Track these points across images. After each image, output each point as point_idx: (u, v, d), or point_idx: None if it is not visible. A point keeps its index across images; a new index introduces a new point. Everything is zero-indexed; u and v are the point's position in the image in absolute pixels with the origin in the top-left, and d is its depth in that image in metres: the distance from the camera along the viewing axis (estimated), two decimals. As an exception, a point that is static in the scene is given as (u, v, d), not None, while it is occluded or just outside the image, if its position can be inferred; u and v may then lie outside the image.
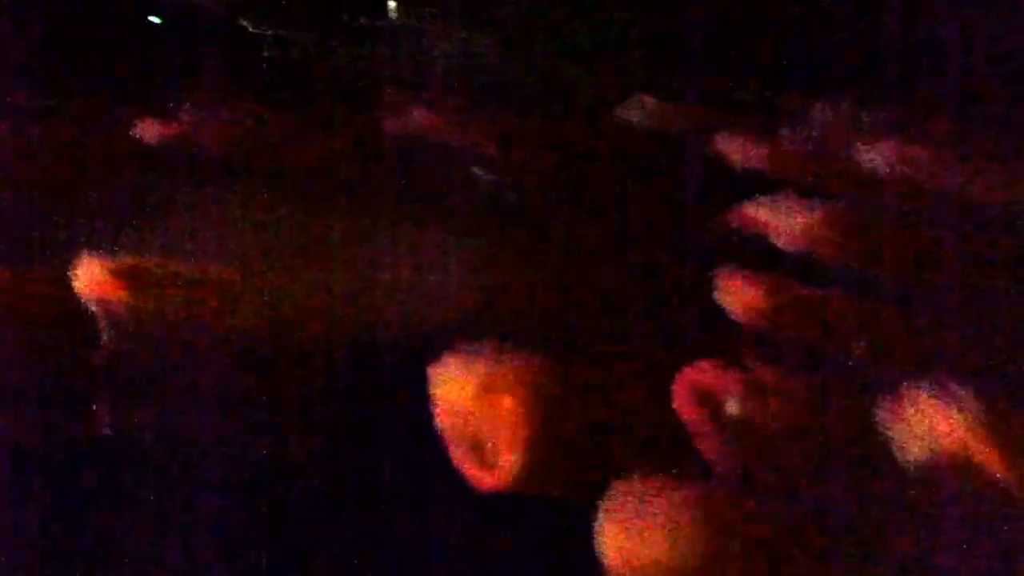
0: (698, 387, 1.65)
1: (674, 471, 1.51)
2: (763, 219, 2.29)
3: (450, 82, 3.43)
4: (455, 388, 1.69)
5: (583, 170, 2.83)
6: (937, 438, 1.66)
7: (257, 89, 3.26)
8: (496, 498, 1.63)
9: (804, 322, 2.09)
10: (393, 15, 3.87)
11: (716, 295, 2.04)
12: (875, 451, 1.75)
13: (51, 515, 1.62)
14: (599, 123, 3.18)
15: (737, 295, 2.03)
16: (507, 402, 1.65)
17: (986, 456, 1.61)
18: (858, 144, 2.65)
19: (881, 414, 1.72)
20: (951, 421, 1.65)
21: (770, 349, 1.98)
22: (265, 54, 3.68)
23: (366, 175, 2.72)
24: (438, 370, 1.71)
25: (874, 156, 2.59)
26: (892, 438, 1.70)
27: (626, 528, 1.40)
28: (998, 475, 1.61)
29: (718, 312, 2.03)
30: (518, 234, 2.46)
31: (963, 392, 1.68)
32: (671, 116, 3.15)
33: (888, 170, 2.54)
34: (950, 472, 1.66)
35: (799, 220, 2.25)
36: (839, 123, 2.88)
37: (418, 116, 2.98)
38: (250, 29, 3.76)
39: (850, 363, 2.14)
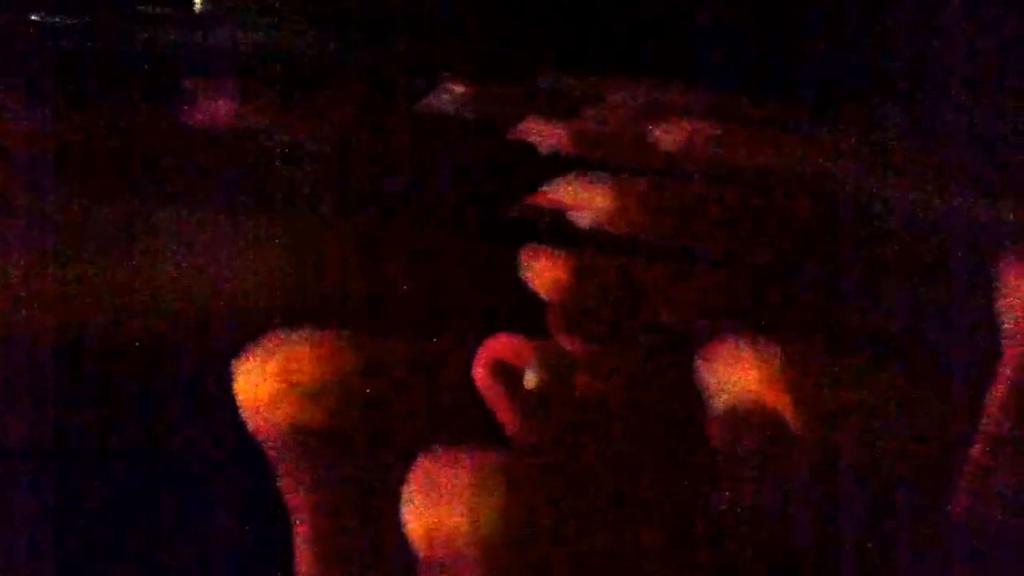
0: (497, 359, 1.68)
1: (475, 442, 1.55)
2: (565, 199, 2.37)
3: (249, 70, 3.35)
4: (256, 383, 1.66)
5: (391, 157, 2.83)
6: (741, 388, 1.77)
7: (47, 80, 3.08)
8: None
9: (608, 294, 2.17)
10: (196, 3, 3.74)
11: (522, 273, 2.10)
12: (685, 409, 1.85)
13: None
14: (406, 109, 3.19)
15: (541, 272, 2.09)
16: (309, 389, 1.64)
17: (782, 404, 1.74)
18: (654, 123, 2.78)
19: (696, 370, 1.83)
20: (753, 371, 1.77)
21: (576, 322, 2.05)
22: (53, 43, 3.47)
23: (163, 167, 2.62)
24: (240, 366, 1.68)
25: (668, 134, 2.72)
26: (704, 391, 1.81)
27: (427, 499, 1.43)
28: (790, 422, 1.74)
29: (525, 290, 2.09)
30: (325, 221, 2.44)
31: (764, 344, 1.80)
32: (478, 102, 3.19)
33: (682, 146, 2.68)
34: (749, 420, 1.78)
35: (599, 199, 2.34)
36: (636, 104, 3.00)
37: (220, 106, 2.89)
38: (38, 19, 3.55)
39: (658, 328, 2.26)
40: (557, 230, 2.32)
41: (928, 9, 2.97)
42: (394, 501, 1.48)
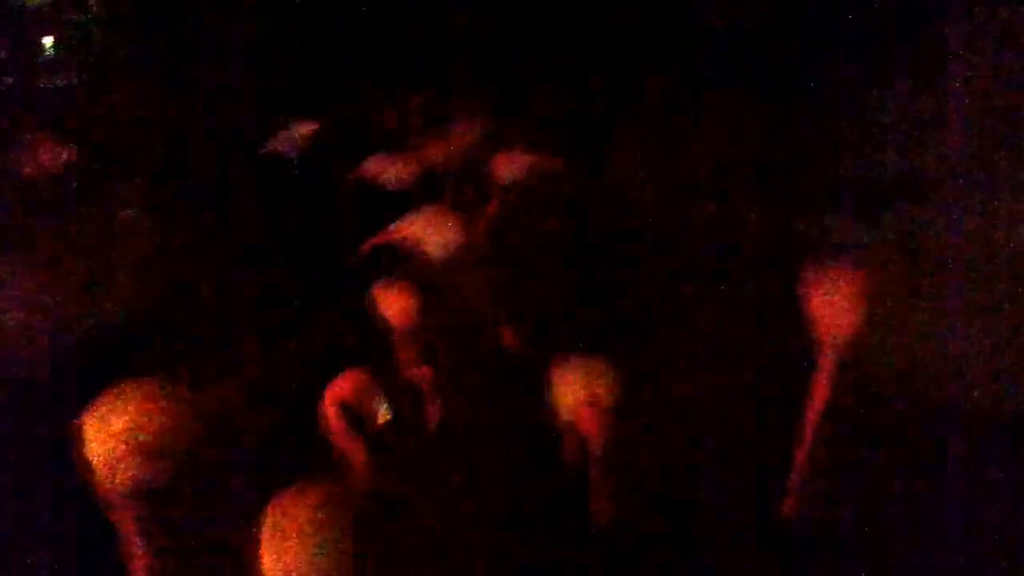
0: (343, 399, 1.66)
1: (321, 483, 1.55)
2: (410, 236, 2.42)
3: (100, 118, 3.30)
4: (99, 444, 1.60)
5: (238, 201, 2.84)
6: (575, 406, 1.86)
7: None
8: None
9: (455, 325, 2.24)
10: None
11: (372, 308, 2.13)
12: (537, 428, 1.92)
13: None
14: (253, 154, 3.20)
15: (391, 305, 2.12)
16: (153, 447, 1.61)
17: (603, 422, 1.83)
18: (493, 157, 2.88)
19: (544, 390, 1.91)
20: (582, 390, 1.86)
21: (424, 354, 2.09)
22: None
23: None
24: (81, 425, 1.61)
25: (507, 167, 2.83)
26: (550, 409, 1.89)
27: (276, 544, 1.42)
28: (616, 438, 1.84)
29: (376, 324, 2.12)
30: (166, 264, 2.44)
31: (598, 364, 1.89)
32: (322, 144, 3.24)
33: (519, 178, 2.79)
34: (573, 434, 1.88)
35: (443, 233, 2.40)
36: (479, 140, 3.10)
37: (51, 152, 2.85)
38: None
39: (507, 352, 2.34)
40: (403, 266, 2.37)
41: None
42: (243, 551, 1.48)
